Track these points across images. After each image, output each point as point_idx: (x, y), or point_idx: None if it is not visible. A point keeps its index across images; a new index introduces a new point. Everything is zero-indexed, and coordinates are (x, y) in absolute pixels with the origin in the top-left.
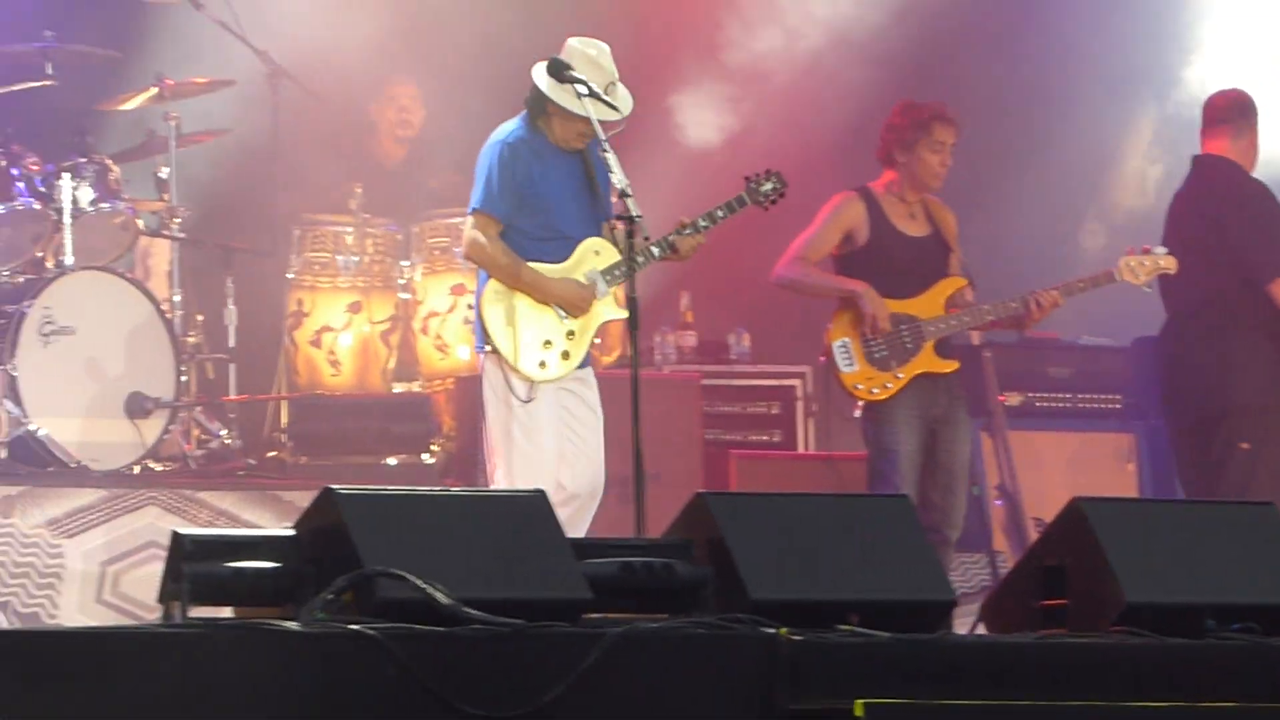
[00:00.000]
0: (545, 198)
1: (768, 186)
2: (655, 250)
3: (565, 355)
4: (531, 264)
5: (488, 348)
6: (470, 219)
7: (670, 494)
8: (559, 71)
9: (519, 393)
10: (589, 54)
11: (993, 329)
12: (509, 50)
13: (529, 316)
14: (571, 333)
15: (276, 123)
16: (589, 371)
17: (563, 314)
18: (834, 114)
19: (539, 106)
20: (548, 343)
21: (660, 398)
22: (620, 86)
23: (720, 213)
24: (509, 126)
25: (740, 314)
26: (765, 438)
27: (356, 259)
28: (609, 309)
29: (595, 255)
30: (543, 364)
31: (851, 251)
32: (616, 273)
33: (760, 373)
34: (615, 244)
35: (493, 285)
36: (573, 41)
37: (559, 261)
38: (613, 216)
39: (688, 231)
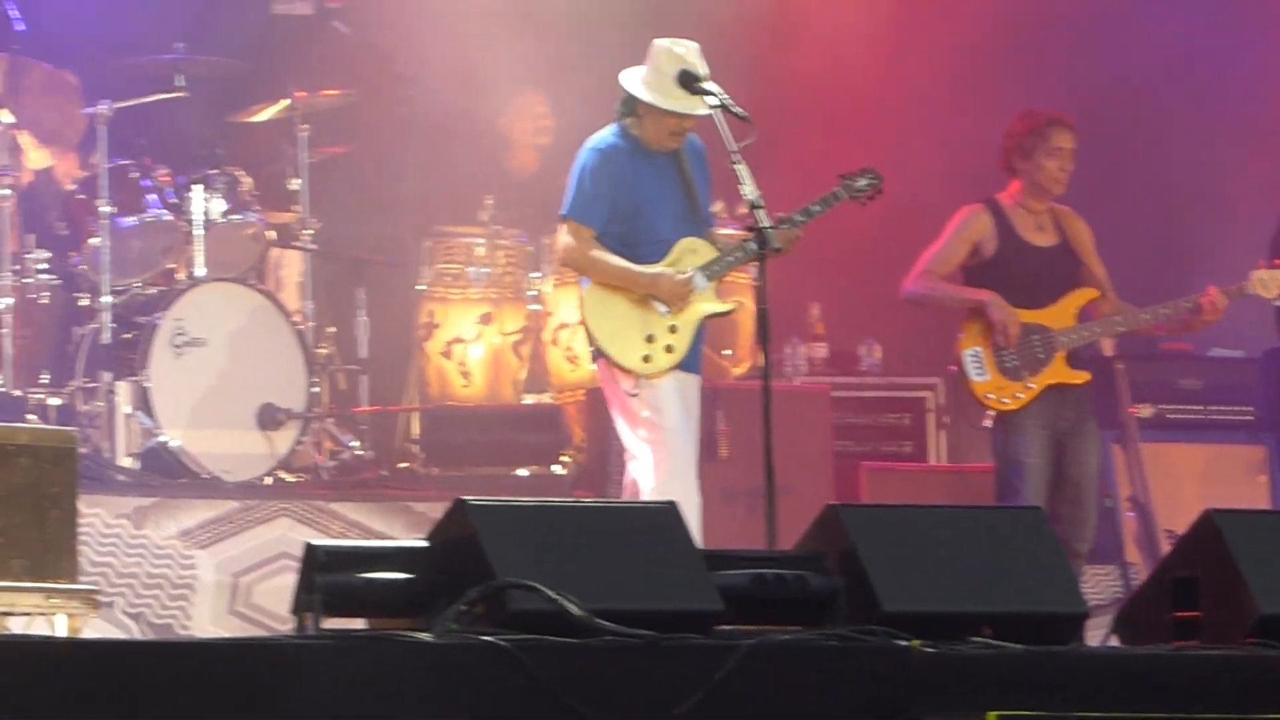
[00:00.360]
0: (639, 202)
1: (863, 182)
2: (751, 245)
3: (669, 349)
4: (629, 265)
5: (592, 349)
6: (563, 225)
7: (801, 506)
8: (689, 84)
9: (625, 386)
10: (678, 53)
11: (1142, 334)
12: (635, 61)
13: (629, 313)
14: (674, 327)
15: (407, 134)
16: (696, 380)
17: (663, 309)
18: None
19: (629, 110)
20: (650, 338)
21: (791, 410)
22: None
23: (816, 207)
24: (604, 133)
25: (871, 325)
26: (896, 449)
27: (487, 270)
28: (711, 303)
29: (693, 254)
30: (646, 358)
31: (979, 264)
32: (716, 268)
33: (891, 384)
34: (713, 243)
35: (592, 288)
36: (661, 42)
37: (655, 263)
38: (713, 224)
39: (784, 226)
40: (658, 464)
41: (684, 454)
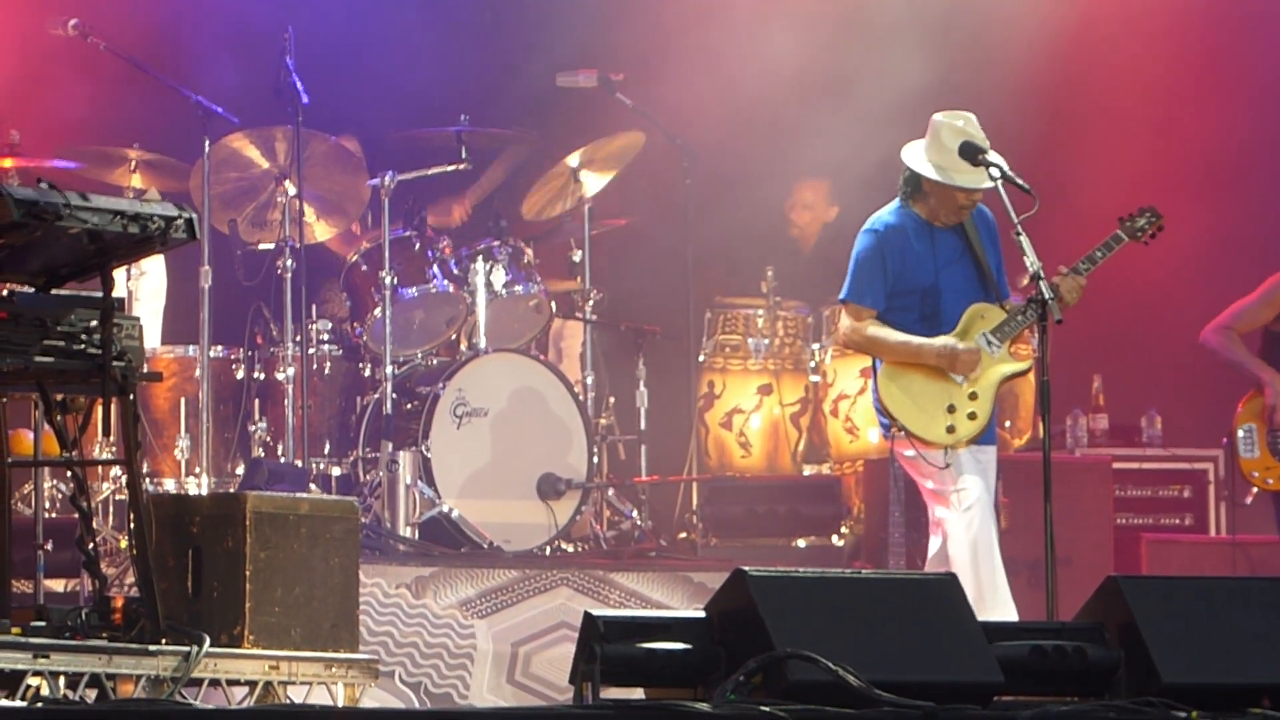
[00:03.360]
0: (919, 281)
1: (1141, 222)
2: (1035, 308)
3: (972, 416)
4: (911, 338)
5: (894, 430)
6: (842, 309)
7: (1081, 577)
8: (973, 155)
9: (935, 461)
10: (957, 125)
11: None
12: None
13: (925, 387)
14: (974, 394)
15: (688, 206)
16: (993, 450)
17: (959, 378)
18: None
19: (914, 187)
20: (951, 408)
21: (1072, 481)
22: (992, 154)
23: (1099, 254)
24: (881, 213)
25: (1152, 396)
26: (1177, 521)
27: (767, 341)
28: (1007, 364)
29: (982, 319)
30: (950, 429)
31: None
32: (1007, 329)
33: (1172, 456)
34: (1003, 308)
35: (885, 368)
36: (939, 117)
37: (943, 334)
38: (1007, 295)
39: (1066, 274)
40: (959, 540)
41: (986, 530)
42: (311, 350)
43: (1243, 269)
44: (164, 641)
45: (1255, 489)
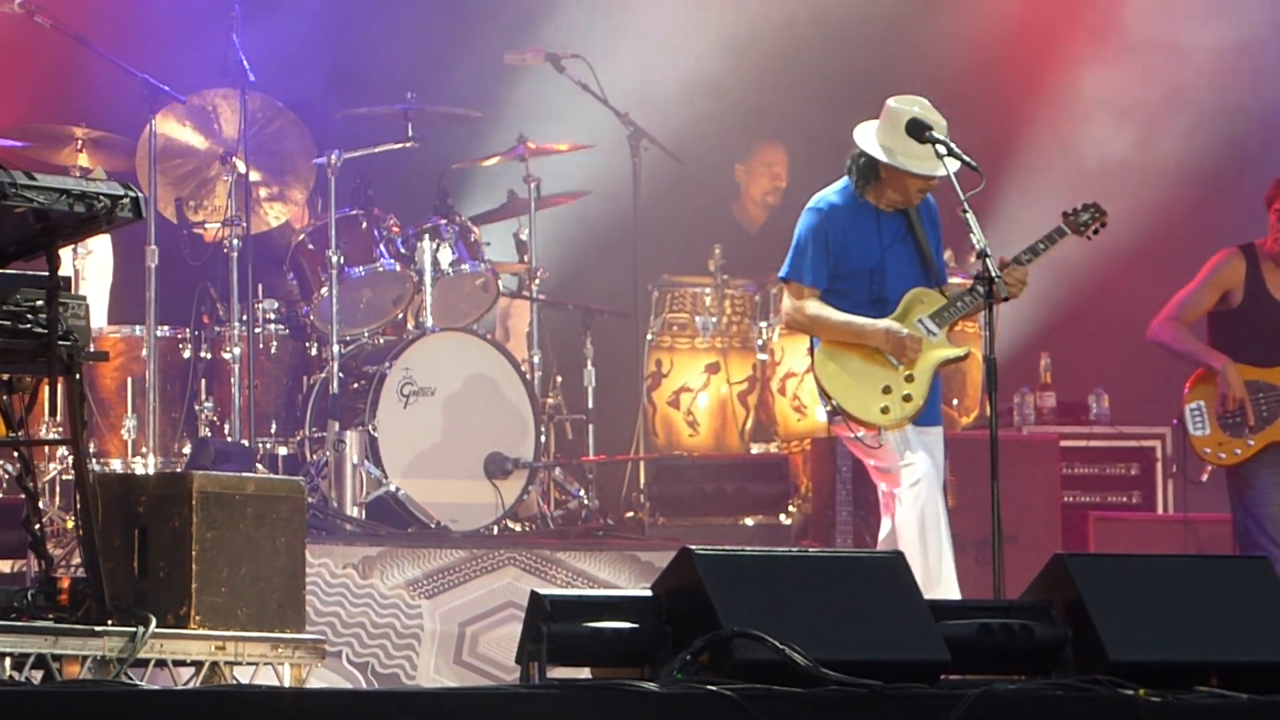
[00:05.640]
0: (864, 262)
1: (1085, 216)
2: (979, 290)
3: (907, 399)
4: (853, 319)
5: (829, 407)
6: (784, 287)
7: (1028, 555)
8: (919, 132)
9: (867, 442)
10: (915, 110)
11: None
12: (870, 108)
13: (862, 367)
14: (910, 377)
15: (636, 184)
16: (939, 431)
17: (895, 361)
18: None
19: (869, 170)
20: (886, 389)
21: (1019, 459)
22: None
23: (1041, 245)
24: (826, 192)
25: (1099, 374)
26: (1124, 499)
27: (715, 320)
28: (945, 350)
29: (921, 303)
30: (885, 409)
31: (1225, 311)
32: (946, 314)
33: (1119, 434)
34: (942, 292)
35: (823, 347)
36: (894, 102)
37: (883, 317)
38: (945, 280)
39: (1011, 266)
40: (906, 516)
41: (933, 504)
42: (258, 329)
43: (1187, 247)
44: (110, 622)
45: (1209, 466)
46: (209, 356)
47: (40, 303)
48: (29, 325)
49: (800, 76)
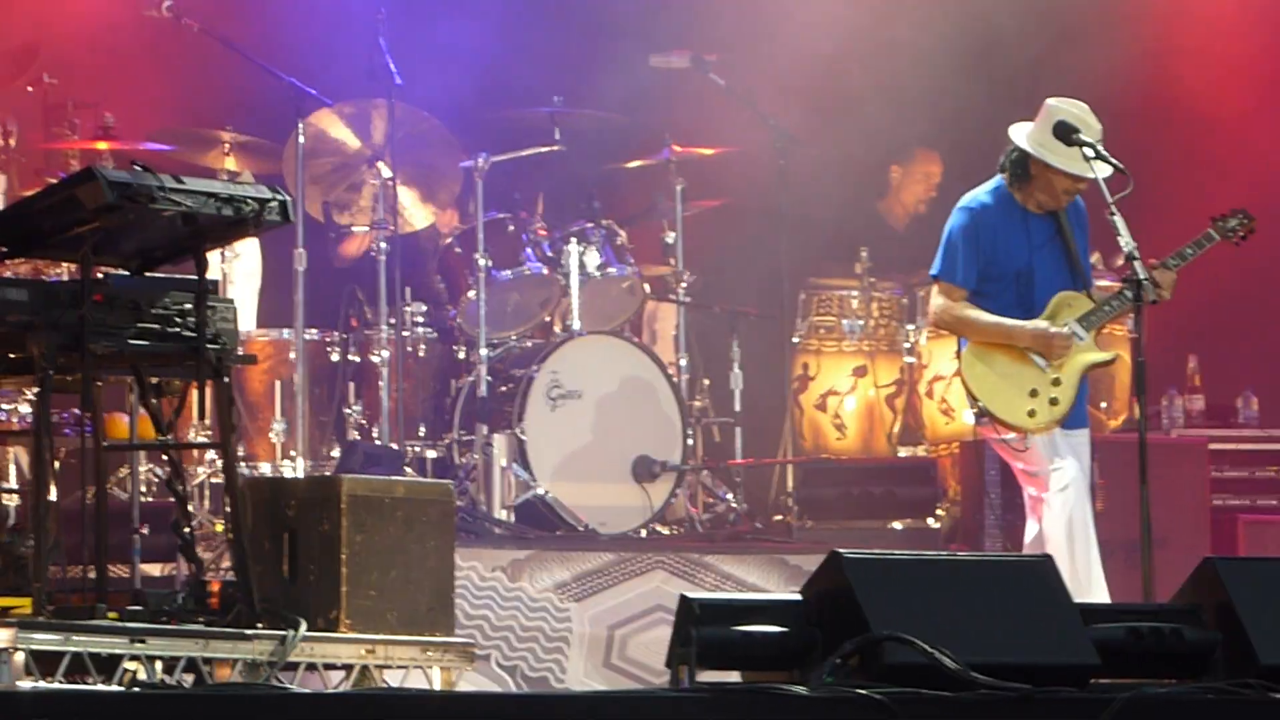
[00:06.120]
0: (1012, 264)
1: (1233, 222)
2: (1128, 294)
3: (1053, 402)
4: (1002, 320)
5: (976, 410)
6: (934, 286)
7: (1178, 559)
8: (1067, 133)
9: (1013, 445)
10: (1074, 112)
11: None
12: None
13: (1010, 369)
14: (1057, 380)
15: (782, 186)
16: (1086, 434)
17: (1043, 363)
18: None
19: (1020, 169)
20: (1034, 392)
21: (1167, 462)
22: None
23: (1190, 250)
24: (977, 192)
25: (1249, 376)
26: (1273, 502)
27: (862, 322)
28: (1092, 354)
29: (1069, 307)
30: (1032, 412)
31: None
32: (1094, 318)
33: (1268, 437)
34: (1090, 296)
35: (970, 347)
36: (1053, 102)
37: (1031, 319)
38: (1092, 284)
39: (1156, 267)
40: (1054, 521)
41: (1080, 510)
42: (406, 333)
43: None
44: (260, 625)
45: None
46: (357, 359)
47: (189, 306)
48: (178, 329)
49: (953, 84)
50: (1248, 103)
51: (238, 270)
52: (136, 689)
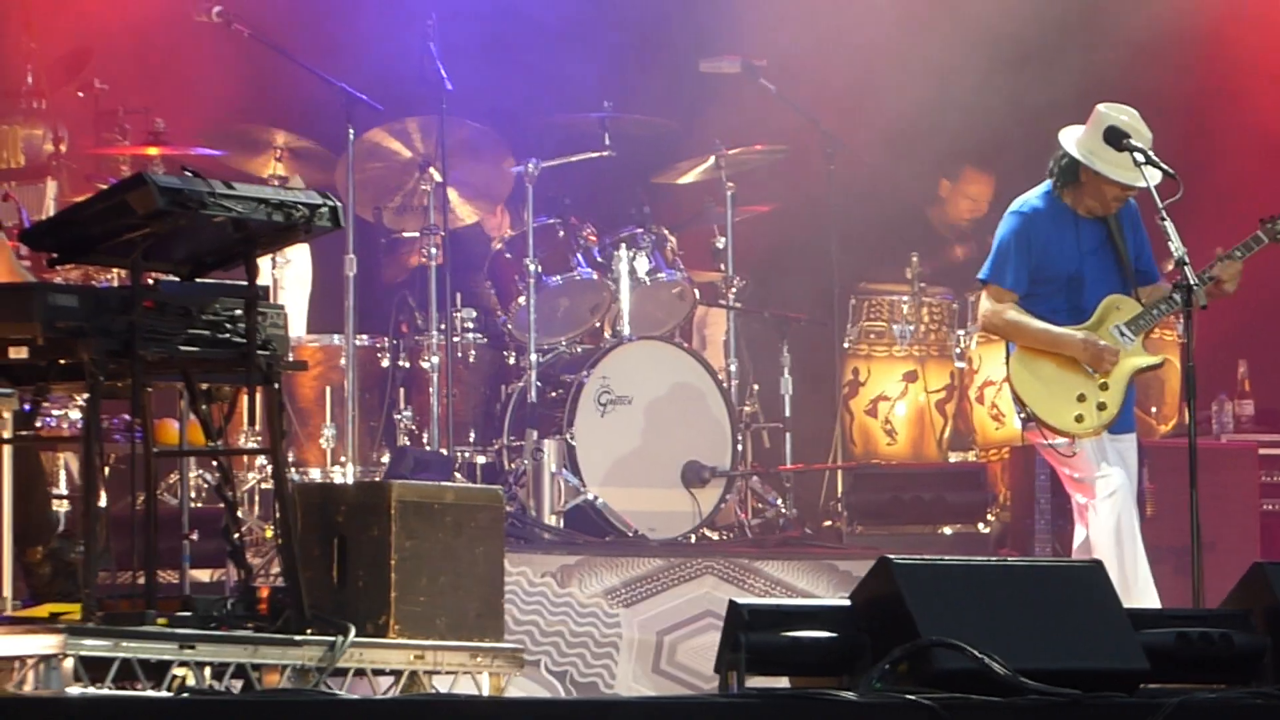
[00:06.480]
0: (1062, 269)
1: None
2: (1176, 298)
3: (1101, 407)
4: (1050, 327)
5: (1024, 414)
6: (984, 290)
7: (1227, 563)
8: (1117, 139)
9: (1061, 450)
10: (1123, 119)
11: None
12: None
13: (1057, 374)
14: (1105, 385)
15: (832, 192)
16: (1133, 438)
17: (1091, 370)
18: None
19: (1070, 174)
20: (1081, 397)
21: (1217, 467)
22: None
23: (1239, 253)
24: (1028, 196)
25: None
26: None
27: (912, 328)
28: (1140, 358)
29: (1117, 311)
30: (1079, 418)
31: None
32: (1142, 322)
33: None
34: (1139, 300)
35: (1018, 352)
36: (1103, 108)
37: (1080, 324)
38: (1156, 278)
39: (1211, 270)
40: (1101, 527)
41: (1128, 516)
42: (456, 338)
43: None
44: (309, 631)
45: None
46: (407, 365)
47: (239, 312)
48: (228, 335)
49: (1004, 102)
50: None
51: (288, 276)
52: (185, 695)
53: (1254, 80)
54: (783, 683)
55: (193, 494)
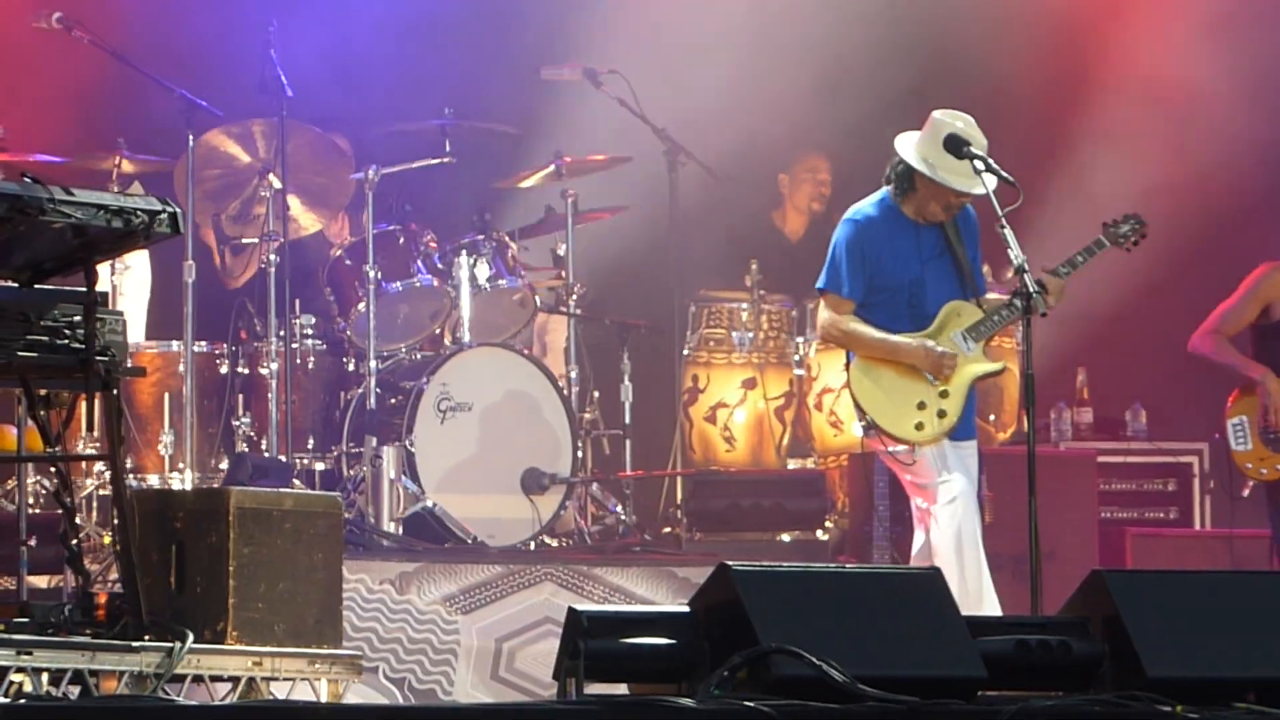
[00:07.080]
0: (902, 276)
1: (1125, 228)
2: (1017, 304)
3: (941, 414)
4: (889, 335)
5: (864, 423)
6: (821, 299)
7: (1066, 571)
8: (957, 147)
9: (901, 457)
10: (959, 126)
11: None
12: (915, 122)
13: (896, 383)
14: (945, 392)
15: (673, 199)
16: (974, 445)
17: (931, 377)
18: None
19: (907, 182)
20: (921, 404)
21: (1056, 475)
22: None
23: (1080, 258)
24: (863, 204)
25: (1137, 389)
26: (1161, 515)
27: (751, 335)
28: (980, 364)
29: (958, 317)
30: (920, 425)
31: (1269, 324)
32: (982, 329)
33: (1157, 450)
34: (979, 305)
35: (858, 360)
36: (939, 114)
37: (921, 330)
38: (983, 292)
39: (1050, 277)
40: (942, 533)
41: (969, 522)
42: (295, 345)
43: (1225, 263)
44: (147, 638)
45: (1251, 481)
46: (246, 372)
47: (78, 318)
48: (66, 340)
49: (843, 91)
50: (1134, 111)
51: (128, 282)
52: (22, 701)
53: (1103, 71)
54: (622, 689)
55: (30, 500)
